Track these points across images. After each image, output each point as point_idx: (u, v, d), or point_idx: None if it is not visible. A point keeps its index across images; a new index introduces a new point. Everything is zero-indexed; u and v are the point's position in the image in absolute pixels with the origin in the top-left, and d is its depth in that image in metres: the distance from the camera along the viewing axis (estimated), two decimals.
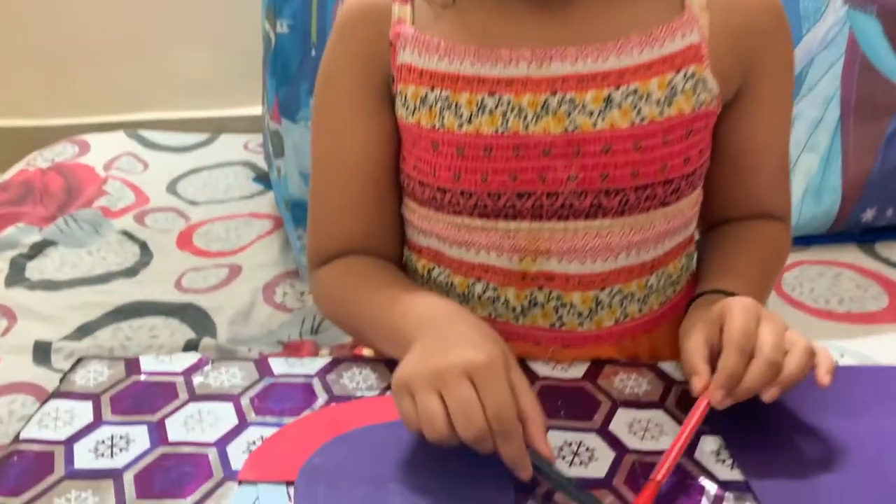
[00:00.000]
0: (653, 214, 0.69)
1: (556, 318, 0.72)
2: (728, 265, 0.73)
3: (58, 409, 0.64)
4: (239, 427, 0.62)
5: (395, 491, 0.55)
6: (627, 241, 0.69)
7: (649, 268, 0.72)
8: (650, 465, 0.57)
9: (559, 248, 0.69)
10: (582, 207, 0.67)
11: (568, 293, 0.71)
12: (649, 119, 0.66)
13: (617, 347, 0.73)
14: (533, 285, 0.71)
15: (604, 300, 0.71)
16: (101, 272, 1.39)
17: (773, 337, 0.57)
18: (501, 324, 0.73)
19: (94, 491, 0.55)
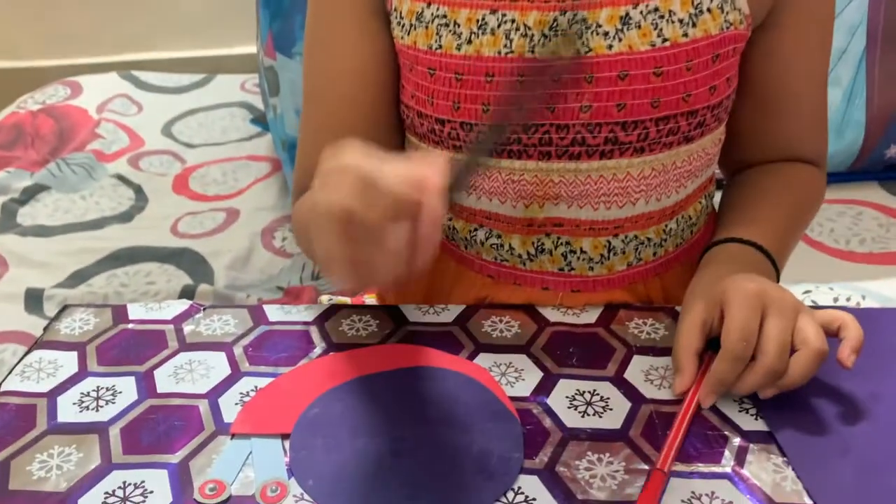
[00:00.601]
0: (675, 152, 0.63)
1: (565, 264, 0.67)
2: (753, 212, 0.67)
3: (41, 360, 0.61)
4: (231, 377, 0.58)
5: (396, 444, 0.51)
6: (646, 184, 0.63)
7: (670, 213, 0.67)
8: (668, 416, 0.53)
9: (569, 193, 0.64)
10: (595, 143, 0.61)
11: (577, 239, 0.66)
12: (672, 41, 0.59)
13: (629, 291, 0.69)
14: (540, 232, 0.66)
15: (617, 246, 0.67)
16: (94, 217, 1.36)
17: (777, 337, 0.52)
18: (508, 268, 0.68)
19: (79, 446, 0.52)
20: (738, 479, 0.49)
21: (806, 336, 0.52)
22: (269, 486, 0.49)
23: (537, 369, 0.58)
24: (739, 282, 0.55)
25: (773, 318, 0.53)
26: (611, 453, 0.51)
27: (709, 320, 0.56)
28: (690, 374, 0.55)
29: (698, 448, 0.51)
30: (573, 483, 0.48)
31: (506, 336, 0.62)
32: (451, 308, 0.66)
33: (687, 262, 0.71)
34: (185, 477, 0.49)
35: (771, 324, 0.52)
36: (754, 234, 0.63)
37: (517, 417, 0.53)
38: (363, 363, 0.59)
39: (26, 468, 0.50)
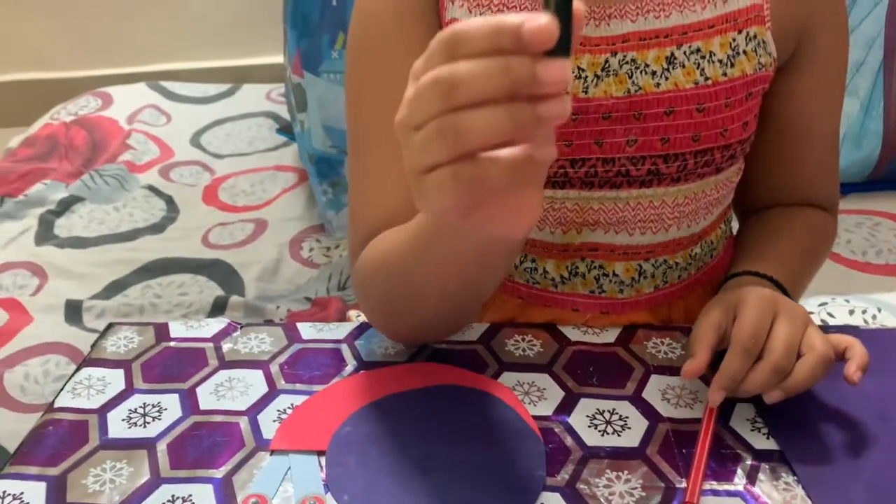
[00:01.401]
0: (706, 182, 0.67)
1: (597, 287, 0.70)
2: (767, 250, 0.69)
3: (90, 377, 0.65)
4: (269, 395, 0.62)
5: (424, 461, 0.54)
6: (679, 211, 0.67)
7: (696, 238, 0.71)
8: (685, 434, 0.56)
9: (608, 220, 0.67)
10: (638, 175, 0.65)
11: (611, 263, 0.69)
12: (713, 79, 0.62)
13: (653, 313, 0.72)
14: (575, 256, 0.69)
15: (647, 270, 0.70)
16: (128, 228, 1.40)
17: (786, 339, 0.54)
18: (539, 290, 0.71)
19: (129, 461, 0.56)
20: (749, 497, 0.51)
21: (813, 342, 0.55)
22: (307, 501, 0.52)
23: (559, 388, 0.61)
24: (754, 289, 0.59)
25: (782, 322, 0.55)
26: (629, 471, 0.53)
27: (723, 323, 0.58)
28: (702, 360, 0.56)
29: (711, 466, 0.54)
30: (593, 500, 0.51)
31: (528, 355, 0.65)
32: (475, 326, 0.69)
33: (708, 284, 0.74)
34: (229, 491, 0.53)
35: (780, 326, 0.55)
36: (769, 268, 0.65)
37: (540, 436, 0.56)
38: (391, 382, 0.62)
39: (81, 482, 0.54)
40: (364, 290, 0.65)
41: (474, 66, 0.35)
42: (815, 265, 0.74)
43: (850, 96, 1.28)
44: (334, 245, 1.34)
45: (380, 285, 0.62)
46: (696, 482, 0.51)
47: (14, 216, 1.41)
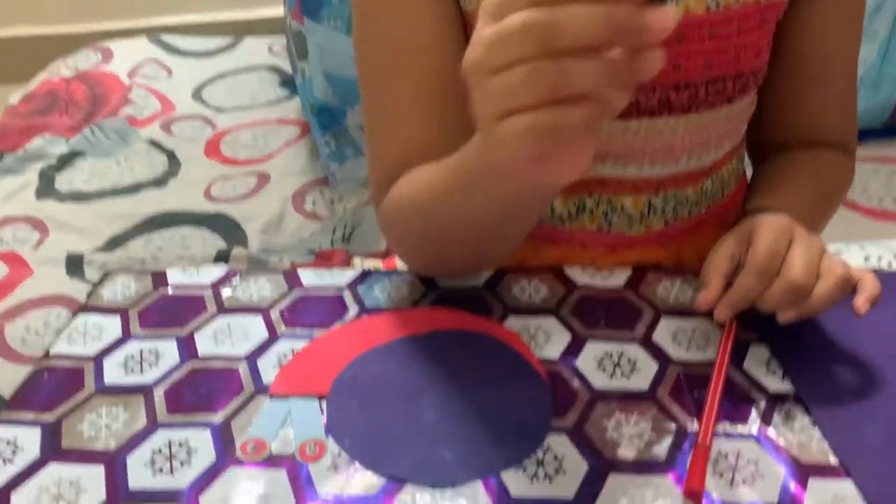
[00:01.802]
0: (717, 112, 0.64)
1: (605, 222, 0.68)
2: (782, 189, 0.67)
3: (86, 324, 0.63)
4: (269, 340, 0.60)
5: (429, 405, 0.53)
6: (690, 142, 0.65)
7: (707, 171, 0.68)
8: (697, 377, 0.54)
9: (616, 151, 0.64)
10: (648, 104, 0.62)
11: (619, 197, 0.67)
12: (724, 5, 0.60)
13: (664, 250, 0.69)
14: (582, 191, 0.67)
15: (657, 205, 0.68)
16: (129, 182, 1.38)
17: (803, 260, 0.53)
18: (546, 229, 0.69)
19: (125, 406, 0.55)
20: (764, 439, 0.50)
21: (831, 265, 0.54)
22: (307, 445, 0.51)
23: (566, 332, 0.59)
24: (769, 216, 0.57)
25: (799, 245, 0.54)
26: (639, 413, 0.52)
27: (737, 253, 0.56)
28: (717, 289, 0.55)
29: (725, 408, 0.52)
30: (601, 442, 0.50)
31: (534, 299, 0.63)
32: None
33: (719, 222, 0.72)
34: (227, 436, 0.52)
35: (797, 249, 0.54)
36: (783, 207, 0.63)
37: (546, 379, 0.55)
38: (395, 327, 0.61)
39: (77, 428, 0.53)
40: (392, 229, 0.63)
41: (579, 11, 0.33)
42: (831, 207, 0.72)
43: (868, 40, 1.23)
44: (338, 198, 1.32)
45: (410, 225, 0.60)
46: (708, 424, 0.50)
47: (14, 171, 1.40)
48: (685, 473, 0.47)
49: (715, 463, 0.48)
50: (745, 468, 0.48)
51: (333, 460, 0.50)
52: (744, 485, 0.46)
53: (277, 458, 0.50)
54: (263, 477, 0.49)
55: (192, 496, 0.47)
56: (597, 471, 0.48)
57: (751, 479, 0.47)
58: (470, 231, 0.57)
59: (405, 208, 0.60)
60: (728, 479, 0.47)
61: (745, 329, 0.58)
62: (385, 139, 0.63)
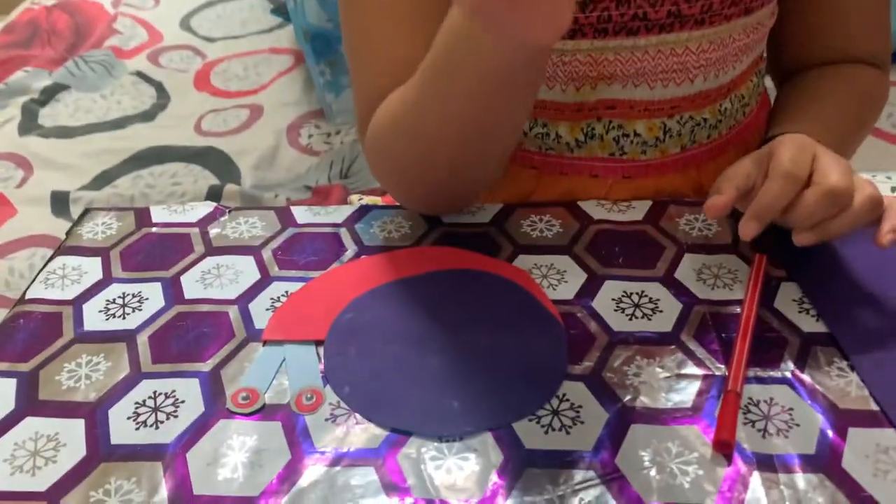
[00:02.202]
0: (733, 25, 0.58)
1: (617, 148, 0.63)
2: (809, 113, 0.61)
3: (64, 266, 0.59)
4: (261, 282, 0.56)
5: (434, 350, 0.49)
6: (705, 58, 0.59)
7: (725, 91, 0.62)
8: (724, 317, 0.50)
9: (625, 72, 0.59)
10: (657, 18, 0.56)
11: (631, 122, 0.61)
12: None
13: (682, 176, 0.64)
14: (591, 116, 0.62)
15: (672, 128, 0.62)
16: (116, 117, 1.32)
17: (838, 168, 0.48)
18: (554, 157, 0.64)
19: (107, 355, 0.51)
20: (798, 384, 0.46)
21: (860, 183, 0.49)
22: (304, 394, 0.47)
23: (581, 271, 0.55)
24: (788, 135, 0.53)
25: (827, 155, 0.50)
26: (661, 358, 0.48)
27: (754, 173, 0.51)
28: (729, 197, 0.50)
29: (755, 351, 0.48)
30: (621, 389, 0.46)
31: (546, 236, 0.59)
32: (487, 207, 0.62)
33: (741, 145, 0.67)
34: (217, 386, 0.48)
35: (826, 157, 0.49)
36: (810, 132, 0.58)
37: (560, 321, 0.51)
38: (396, 266, 0.56)
39: (55, 378, 0.49)
40: (378, 158, 0.59)
41: None
42: (863, 130, 0.66)
43: None
44: (335, 131, 1.26)
45: (394, 148, 0.56)
46: (738, 369, 0.46)
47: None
48: (713, 423, 0.43)
49: (746, 411, 0.44)
50: (778, 416, 0.44)
51: (332, 411, 0.46)
52: (777, 435, 0.43)
53: (271, 408, 0.46)
54: (256, 430, 0.45)
55: (180, 452, 0.44)
56: (617, 421, 0.44)
57: (785, 429, 0.43)
58: (455, 136, 0.51)
59: (387, 128, 0.56)
60: (760, 429, 0.43)
61: (774, 266, 0.54)
62: (368, 63, 0.58)
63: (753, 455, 0.42)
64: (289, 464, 0.43)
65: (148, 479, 0.42)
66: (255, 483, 0.42)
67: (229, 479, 0.42)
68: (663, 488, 0.40)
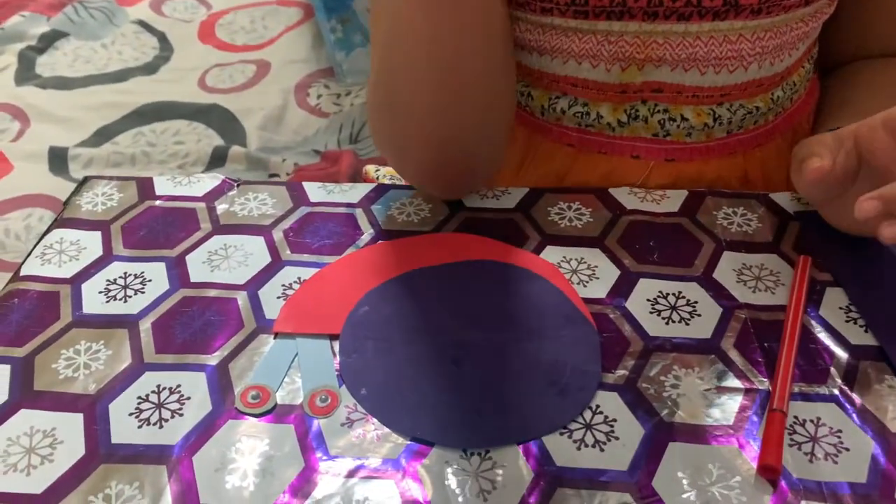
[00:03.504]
0: (792, 14, 0.54)
1: (661, 130, 0.59)
2: (860, 108, 0.58)
3: (62, 241, 0.56)
4: (272, 266, 0.53)
5: (457, 351, 0.46)
6: (762, 46, 0.55)
7: (779, 79, 0.58)
8: (766, 324, 0.47)
9: (675, 56, 0.55)
10: (713, 5, 0.52)
11: (678, 107, 0.58)
12: None
13: (727, 162, 0.60)
14: (635, 99, 0.58)
15: (722, 115, 0.58)
16: (117, 68, 1.27)
17: None
18: (592, 135, 0.60)
19: (107, 342, 0.47)
20: (846, 402, 0.43)
21: None
22: (318, 396, 0.44)
23: (613, 266, 0.52)
24: None
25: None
26: (700, 368, 0.45)
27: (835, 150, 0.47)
28: (829, 161, 0.46)
29: (799, 365, 0.45)
30: (658, 402, 0.43)
31: (576, 225, 0.55)
32: (512, 191, 0.59)
33: (788, 130, 0.63)
34: (225, 381, 0.45)
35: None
36: None
37: (593, 323, 0.47)
38: (416, 254, 0.53)
39: (52, 366, 0.46)
40: (374, 122, 0.56)
41: None
42: None
43: None
44: (345, 92, 1.22)
45: (381, 89, 0.53)
46: (784, 386, 0.43)
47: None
48: (757, 443, 0.40)
49: (791, 431, 0.41)
50: (825, 439, 0.41)
51: (348, 414, 0.43)
52: (826, 460, 0.40)
53: (283, 409, 0.43)
54: (267, 433, 0.42)
55: (185, 455, 0.41)
56: (654, 437, 0.41)
57: (833, 453, 0.40)
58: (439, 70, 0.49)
59: (377, 79, 0.53)
60: (807, 452, 0.40)
61: (818, 269, 0.51)
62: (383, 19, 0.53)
63: (800, 482, 0.39)
64: (302, 473, 0.40)
65: (151, 484, 0.40)
66: (266, 494, 0.39)
67: (238, 488, 0.39)
68: None
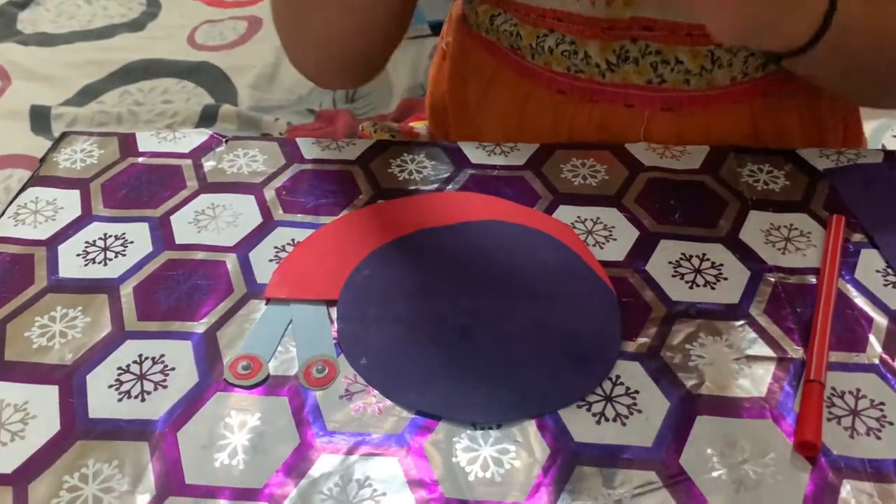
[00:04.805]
0: None
1: (655, 76, 0.55)
2: None
3: (37, 200, 0.52)
4: (263, 227, 0.49)
5: (465, 317, 0.42)
6: None
7: None
8: (796, 288, 0.44)
9: None
10: None
11: (672, 47, 0.54)
12: None
13: (733, 115, 0.56)
14: (623, 37, 0.54)
15: (722, 57, 0.54)
16: (103, 24, 1.22)
17: None
18: (583, 81, 0.56)
19: (85, 308, 0.44)
20: (888, 372, 0.39)
21: None
22: (314, 366, 0.40)
23: (632, 227, 0.48)
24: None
25: None
26: (728, 335, 0.41)
27: None
28: None
29: (836, 332, 0.41)
30: (684, 372, 0.39)
31: (590, 184, 0.51)
32: (521, 147, 0.55)
33: (800, 78, 0.58)
34: (213, 351, 0.41)
35: None
36: None
37: (612, 288, 0.44)
38: (419, 215, 0.49)
39: (24, 334, 0.42)
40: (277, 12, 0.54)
41: None
42: None
43: None
44: None
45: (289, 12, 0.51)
46: (820, 355, 0.39)
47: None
48: (791, 417, 0.37)
49: (829, 404, 0.38)
50: (867, 413, 0.38)
51: (347, 386, 0.39)
52: (868, 435, 0.37)
53: (276, 381, 0.40)
54: (259, 406, 0.39)
55: (169, 430, 0.37)
56: (680, 411, 0.38)
57: (876, 427, 0.37)
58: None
59: None
60: (847, 426, 0.37)
61: (851, 229, 0.47)
62: None
63: (841, 459, 0.36)
64: (297, 449, 0.37)
65: (132, 462, 0.36)
66: (259, 472, 0.36)
67: (227, 466, 0.36)
68: (737, 496, 0.34)
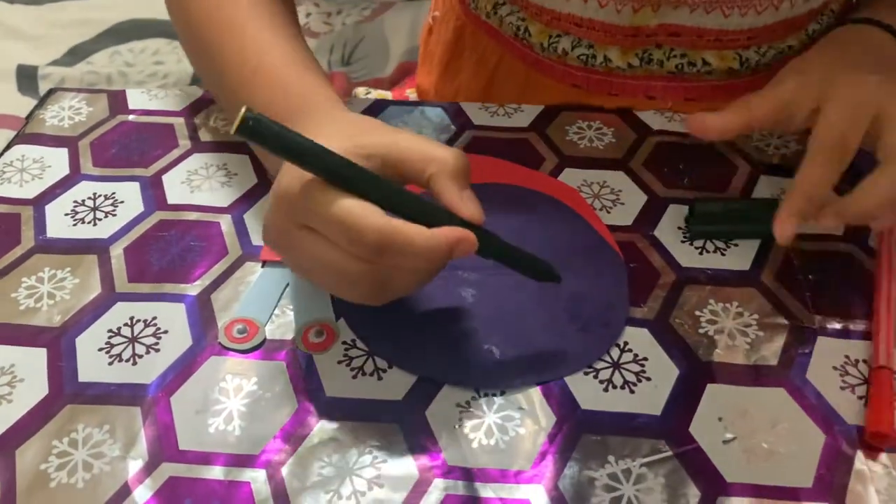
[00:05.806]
0: None
1: (678, 72, 0.53)
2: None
3: (24, 158, 0.50)
4: (259, 187, 0.47)
5: (468, 282, 0.41)
6: None
7: (815, 13, 0.52)
8: (808, 255, 0.42)
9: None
10: None
11: (697, 52, 0.52)
12: None
13: None
14: (648, 43, 0.52)
15: (750, 58, 0.52)
16: None
17: None
18: (601, 74, 0.54)
19: (74, 269, 0.42)
20: None
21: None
22: (312, 329, 0.39)
23: (640, 191, 0.47)
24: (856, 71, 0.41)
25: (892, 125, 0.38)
26: (739, 302, 0.40)
27: (793, 103, 0.41)
28: (728, 120, 0.41)
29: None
30: (693, 339, 0.38)
31: (597, 146, 0.50)
32: (525, 109, 0.53)
33: None
34: (207, 313, 0.40)
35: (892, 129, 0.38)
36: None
37: (619, 253, 0.43)
38: None
39: (11, 295, 0.41)
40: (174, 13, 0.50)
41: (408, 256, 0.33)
42: None
43: None
44: (336, 10, 1.14)
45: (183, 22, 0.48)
46: (889, 339, 0.37)
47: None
48: (805, 385, 0.36)
49: (843, 373, 0.37)
50: None
51: (345, 351, 0.38)
52: None
53: (273, 345, 0.38)
54: (255, 371, 0.37)
55: (162, 395, 0.36)
56: (690, 378, 0.37)
57: None
58: None
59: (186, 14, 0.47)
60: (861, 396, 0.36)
61: None
62: None
63: (854, 427, 0.35)
64: (295, 415, 0.35)
65: (123, 427, 0.35)
66: (255, 438, 0.35)
67: (223, 432, 0.35)
68: (749, 466, 0.33)
